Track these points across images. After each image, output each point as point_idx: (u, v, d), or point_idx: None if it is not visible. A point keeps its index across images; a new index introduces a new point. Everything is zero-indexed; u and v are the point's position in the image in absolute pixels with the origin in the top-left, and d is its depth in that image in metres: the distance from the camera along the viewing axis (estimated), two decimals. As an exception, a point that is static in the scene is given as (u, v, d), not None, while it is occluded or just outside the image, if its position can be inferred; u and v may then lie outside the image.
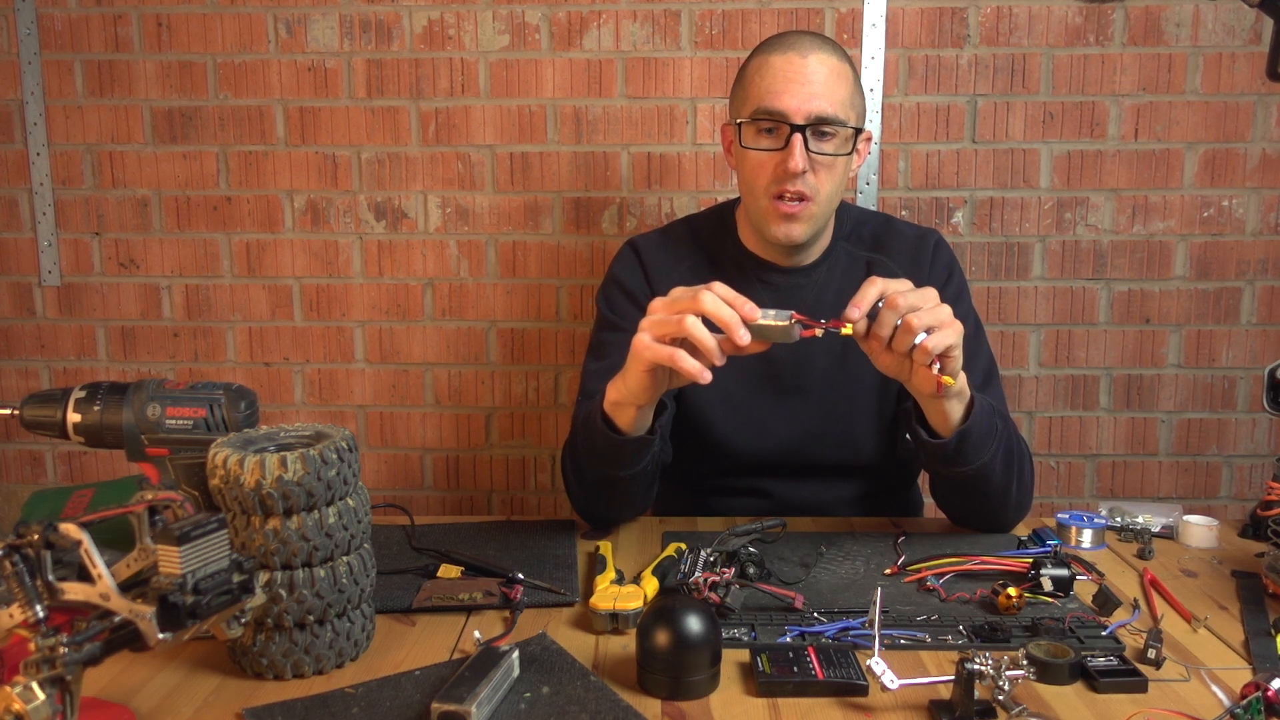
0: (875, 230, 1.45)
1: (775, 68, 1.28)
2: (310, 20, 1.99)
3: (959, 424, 1.16)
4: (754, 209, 1.35)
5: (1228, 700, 0.85)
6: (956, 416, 1.16)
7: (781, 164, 1.27)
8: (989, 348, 1.41)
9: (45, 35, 2.01)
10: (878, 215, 1.50)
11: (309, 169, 2.05)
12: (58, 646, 0.68)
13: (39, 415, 0.99)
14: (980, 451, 1.18)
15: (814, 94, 1.27)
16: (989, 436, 1.18)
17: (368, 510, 0.95)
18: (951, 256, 1.45)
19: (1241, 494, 2.10)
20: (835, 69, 1.29)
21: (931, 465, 1.23)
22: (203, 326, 2.11)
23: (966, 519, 1.29)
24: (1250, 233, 2.02)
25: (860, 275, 1.41)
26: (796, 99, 1.27)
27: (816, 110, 1.27)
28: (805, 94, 1.27)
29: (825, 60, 1.28)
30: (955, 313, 1.37)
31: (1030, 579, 1.05)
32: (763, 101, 1.28)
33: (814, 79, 1.27)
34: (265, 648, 0.89)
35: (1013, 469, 1.23)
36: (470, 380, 2.11)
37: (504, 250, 2.07)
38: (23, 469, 2.17)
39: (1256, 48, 1.96)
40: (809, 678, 0.86)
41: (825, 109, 1.27)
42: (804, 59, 1.28)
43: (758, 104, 1.29)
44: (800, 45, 1.29)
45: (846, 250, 1.43)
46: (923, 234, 1.45)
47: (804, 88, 1.27)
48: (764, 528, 1.20)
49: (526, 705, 0.84)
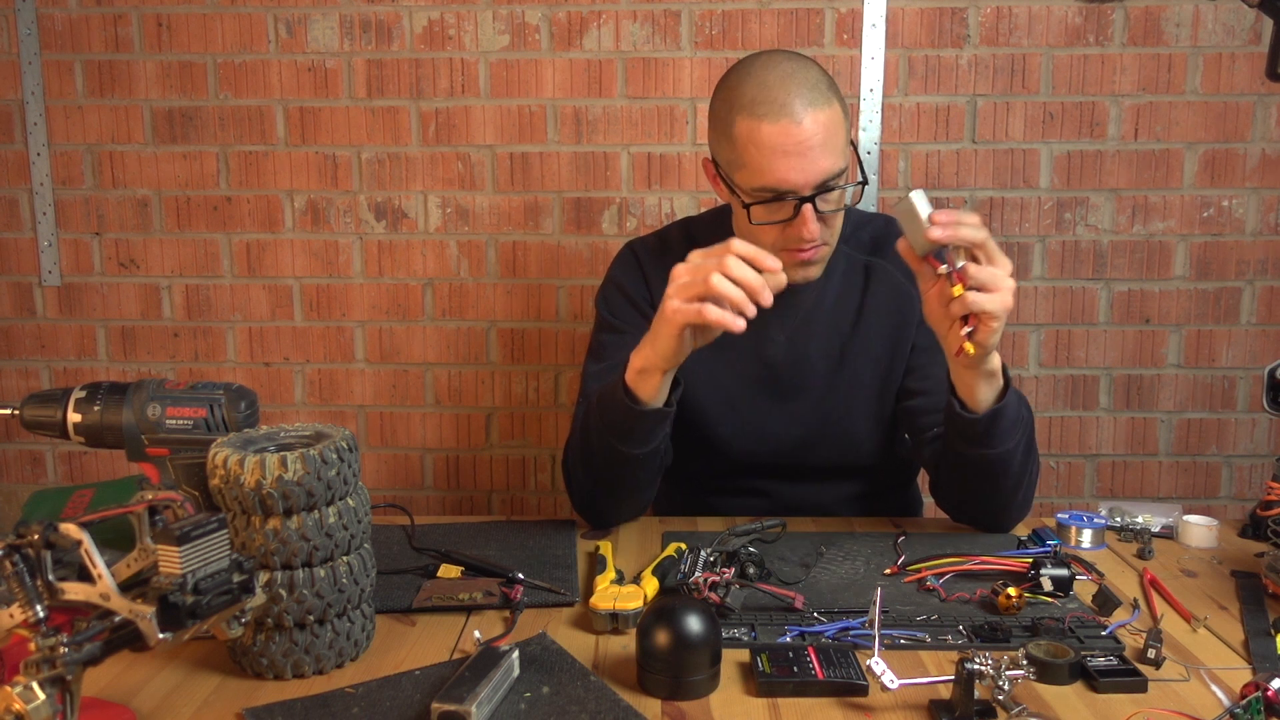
0: (875, 233, 1.44)
1: (772, 141, 1.20)
2: (310, 20, 2.00)
3: (991, 404, 1.16)
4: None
5: (1227, 700, 0.85)
6: (985, 399, 1.16)
7: (795, 233, 1.25)
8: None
9: (45, 35, 2.01)
10: (878, 217, 1.49)
11: (309, 169, 2.05)
12: (58, 646, 0.68)
13: (39, 415, 0.99)
14: (1007, 436, 1.18)
15: (816, 161, 1.21)
16: (1017, 424, 1.19)
17: (368, 510, 0.95)
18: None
19: (1241, 494, 2.10)
20: (830, 120, 1.21)
21: (955, 444, 1.22)
22: (203, 326, 2.11)
23: (970, 512, 1.29)
24: (1250, 233, 2.02)
25: (859, 280, 1.41)
26: (803, 173, 1.20)
27: (824, 173, 1.22)
28: (808, 164, 1.21)
29: (818, 117, 1.21)
30: None
31: (1030, 579, 1.05)
32: (764, 178, 1.22)
33: (814, 143, 1.20)
34: (265, 648, 0.89)
35: (1029, 464, 1.24)
36: (470, 380, 2.11)
37: (504, 250, 2.07)
38: (23, 469, 2.17)
39: (1256, 48, 1.96)
40: (809, 678, 0.86)
41: (830, 169, 1.22)
42: (799, 125, 1.19)
43: (759, 180, 1.23)
44: (792, 109, 1.19)
45: (845, 254, 1.42)
46: None
47: (805, 158, 1.20)
48: (764, 528, 1.20)
49: (526, 705, 0.84)
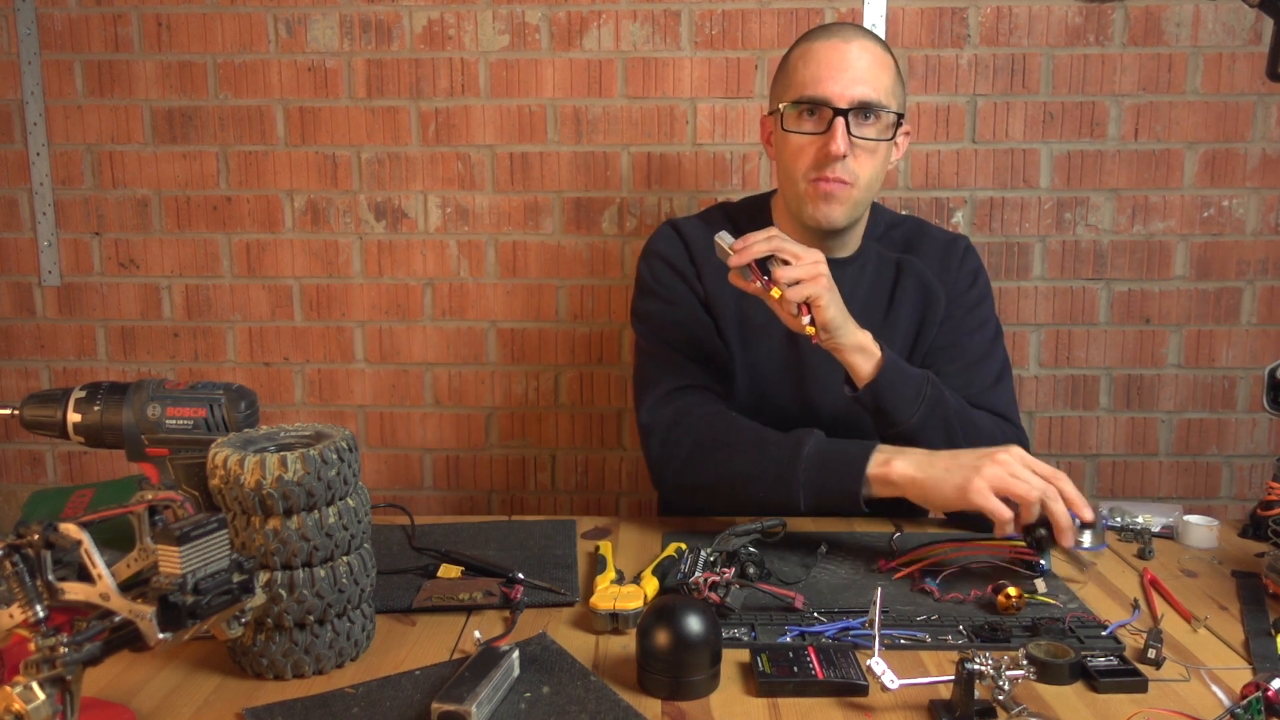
0: (906, 234, 1.47)
1: (818, 54, 1.30)
2: (310, 20, 1.99)
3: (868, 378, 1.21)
4: (792, 194, 1.35)
5: (1228, 700, 0.85)
6: (864, 370, 1.22)
7: (824, 147, 1.28)
8: (1005, 355, 1.43)
9: (45, 35, 2.01)
10: (910, 219, 1.51)
11: (309, 169, 2.05)
12: (58, 646, 0.68)
13: (39, 415, 0.99)
14: (900, 410, 1.21)
15: (857, 79, 1.28)
16: (912, 399, 1.22)
17: (368, 510, 0.95)
18: (979, 263, 1.47)
19: (1241, 494, 2.10)
20: (878, 57, 1.31)
21: (876, 431, 1.26)
22: (203, 326, 2.11)
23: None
24: (1250, 233, 2.02)
25: (890, 277, 1.43)
26: (839, 84, 1.28)
27: (859, 95, 1.28)
28: (848, 79, 1.28)
29: (868, 48, 1.30)
30: (975, 315, 1.43)
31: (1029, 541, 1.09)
32: (806, 88, 1.29)
33: (857, 65, 1.28)
34: (265, 648, 0.89)
35: (958, 442, 1.23)
36: (470, 380, 2.11)
37: (504, 250, 2.07)
38: (23, 469, 2.17)
39: (1256, 48, 1.96)
40: (809, 678, 0.86)
41: (868, 94, 1.28)
42: (847, 44, 1.29)
43: (800, 90, 1.30)
44: (844, 32, 1.31)
45: (877, 251, 1.44)
46: (953, 238, 1.47)
47: (846, 73, 1.28)
48: (764, 528, 1.20)
49: (526, 705, 0.84)
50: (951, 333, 1.41)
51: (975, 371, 1.38)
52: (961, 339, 1.40)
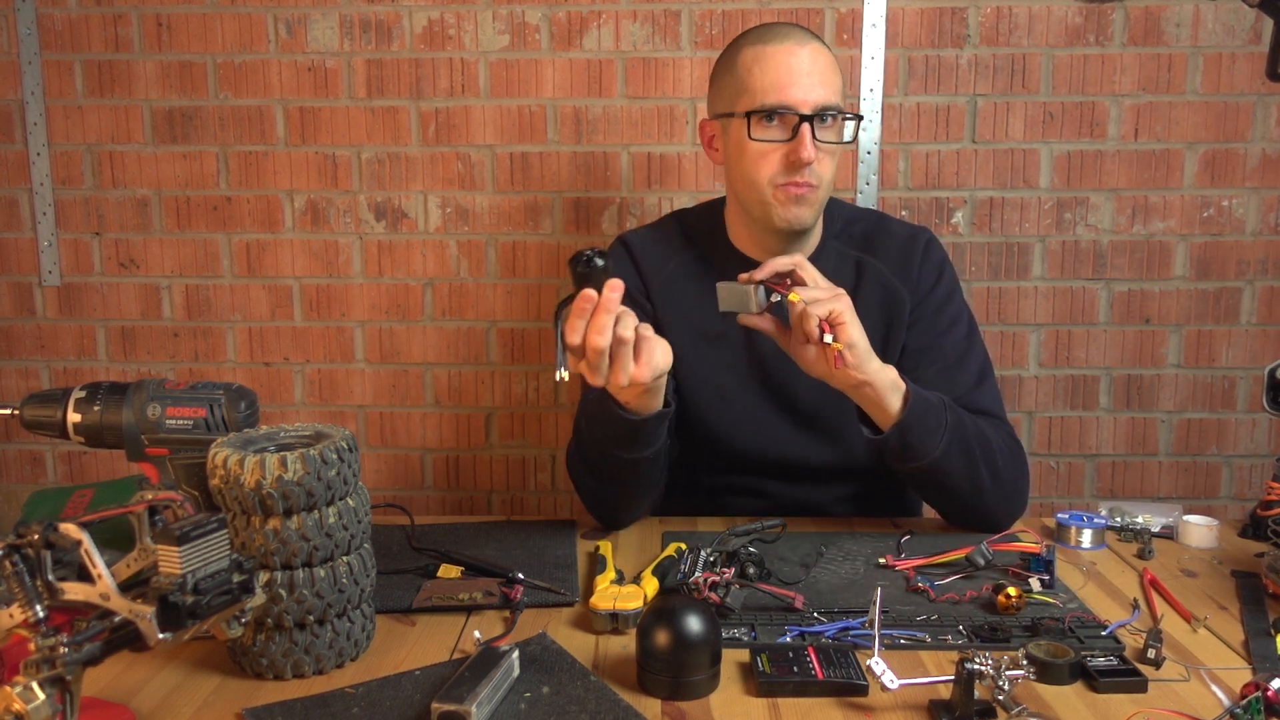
0: (866, 229, 1.45)
1: (776, 60, 1.29)
2: (310, 20, 1.99)
3: (899, 414, 1.18)
4: (754, 200, 1.34)
5: (1227, 700, 0.85)
6: (893, 407, 1.18)
7: (792, 153, 1.28)
8: (983, 348, 1.41)
9: (45, 35, 2.01)
10: (869, 213, 1.49)
11: (309, 169, 2.05)
12: (58, 646, 0.68)
13: (39, 415, 0.99)
14: (926, 445, 1.19)
15: (816, 84, 1.28)
16: (935, 429, 1.19)
17: (368, 510, 0.95)
18: (943, 256, 1.44)
19: (1241, 494, 2.10)
20: (829, 60, 1.32)
21: (890, 464, 1.24)
22: (203, 326, 2.11)
23: (952, 518, 1.30)
24: (1250, 233, 2.02)
25: (850, 275, 1.41)
26: (801, 89, 1.28)
27: (820, 100, 1.28)
28: (809, 85, 1.28)
29: (820, 51, 1.31)
30: (946, 313, 1.40)
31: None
32: (768, 95, 1.29)
33: (815, 69, 1.29)
34: (265, 648, 0.89)
35: (976, 462, 1.23)
36: (470, 380, 2.11)
37: (504, 250, 2.07)
38: (23, 469, 2.17)
39: (1256, 48, 1.96)
40: (809, 678, 0.86)
41: (828, 98, 1.29)
42: (802, 48, 1.29)
43: (762, 97, 1.29)
44: (794, 36, 1.31)
45: (836, 249, 1.43)
46: (914, 233, 1.44)
47: (807, 78, 1.28)
48: (764, 528, 1.20)
49: (526, 705, 0.84)
50: (924, 335, 1.38)
51: (957, 372, 1.35)
52: (936, 340, 1.38)
